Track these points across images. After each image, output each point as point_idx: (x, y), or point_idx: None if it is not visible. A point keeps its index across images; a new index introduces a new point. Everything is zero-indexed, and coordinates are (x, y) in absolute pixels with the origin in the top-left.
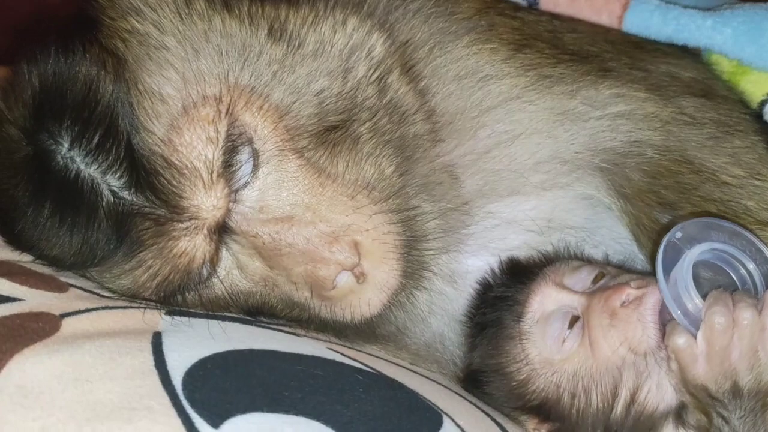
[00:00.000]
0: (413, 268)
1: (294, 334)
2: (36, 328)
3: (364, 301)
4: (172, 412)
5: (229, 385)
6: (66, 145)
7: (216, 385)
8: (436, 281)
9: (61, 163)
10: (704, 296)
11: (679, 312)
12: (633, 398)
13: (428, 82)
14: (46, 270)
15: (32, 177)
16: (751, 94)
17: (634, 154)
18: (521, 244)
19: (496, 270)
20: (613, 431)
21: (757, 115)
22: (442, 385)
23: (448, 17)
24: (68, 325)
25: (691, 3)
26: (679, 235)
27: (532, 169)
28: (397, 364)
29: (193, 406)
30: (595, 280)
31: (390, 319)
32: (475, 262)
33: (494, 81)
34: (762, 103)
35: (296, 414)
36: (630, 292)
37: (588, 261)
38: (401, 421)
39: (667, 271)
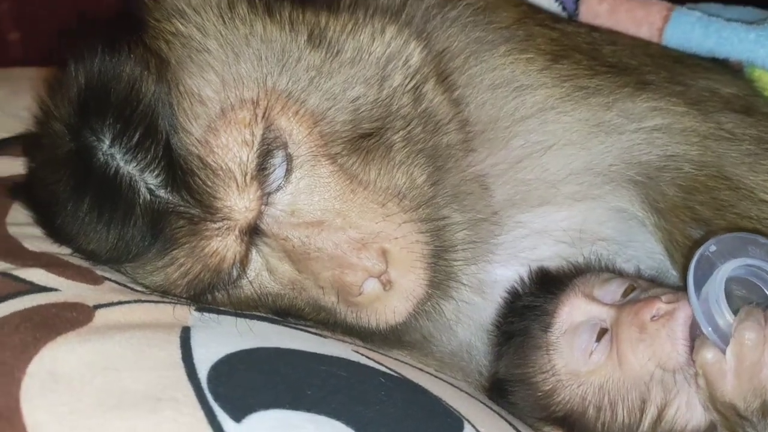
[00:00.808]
0: (440, 278)
1: (320, 335)
2: (70, 318)
3: (389, 308)
4: (196, 404)
5: (252, 381)
6: (107, 142)
7: (240, 381)
8: (464, 291)
9: (101, 159)
10: (736, 312)
11: (709, 328)
12: (660, 415)
13: (463, 91)
14: (83, 263)
15: (74, 172)
16: None
17: (669, 169)
18: (552, 255)
19: (526, 280)
20: None
21: None
22: (466, 393)
23: (485, 26)
24: (101, 316)
25: (735, 16)
26: (713, 248)
27: (564, 179)
28: (422, 370)
29: (216, 399)
30: (626, 293)
31: (416, 326)
32: (504, 272)
33: (529, 91)
34: None
35: (318, 413)
36: (660, 306)
37: (619, 273)
38: (421, 425)
39: (700, 285)
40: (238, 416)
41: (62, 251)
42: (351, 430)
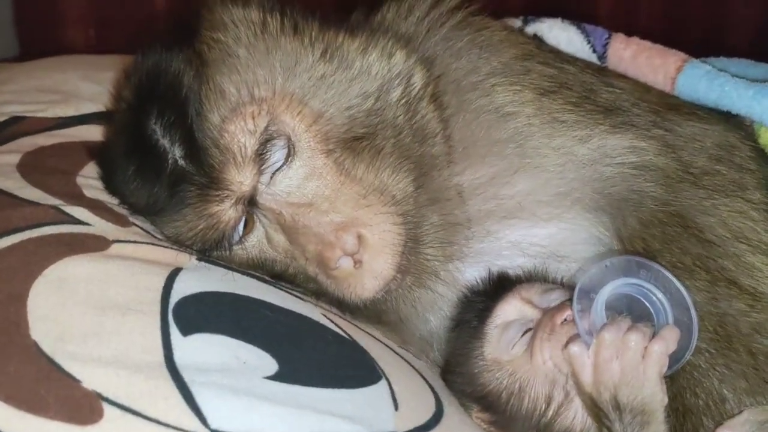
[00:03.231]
0: (410, 267)
1: (299, 297)
2: (90, 245)
3: (360, 284)
4: (157, 318)
5: (210, 312)
6: (153, 119)
7: (199, 310)
8: (440, 285)
9: (147, 132)
10: None
11: (581, 325)
12: (559, 411)
13: (452, 111)
14: (122, 211)
15: (127, 140)
16: None
17: (634, 202)
18: (515, 264)
19: (483, 279)
20: None
21: None
22: (407, 362)
23: (485, 60)
24: (115, 249)
25: (750, 74)
26: (608, 264)
27: (534, 200)
28: (378, 339)
29: (174, 317)
30: None
31: (394, 308)
32: (473, 273)
33: (511, 118)
34: None
35: (251, 343)
36: (570, 313)
37: (564, 287)
38: (339, 371)
39: (590, 292)
40: (186, 332)
41: (112, 201)
42: (273, 360)
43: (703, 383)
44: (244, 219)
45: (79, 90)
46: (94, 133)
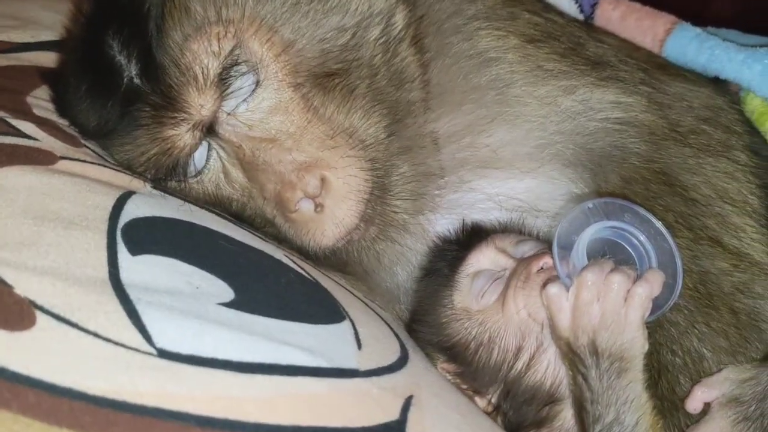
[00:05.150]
0: (375, 217)
1: (260, 237)
2: (35, 157)
3: (320, 231)
4: (103, 235)
5: (163, 236)
6: (111, 33)
7: (152, 233)
8: (408, 237)
9: (104, 48)
10: None
11: (560, 267)
12: (530, 364)
13: (432, 55)
14: (74, 133)
15: (81, 56)
16: None
17: (616, 158)
18: (490, 217)
19: (456, 229)
20: (509, 389)
21: None
22: (372, 309)
23: (472, 1)
24: (62, 165)
25: (750, 42)
26: (590, 206)
27: (512, 150)
28: (343, 287)
29: (123, 236)
30: None
31: (358, 260)
32: (445, 225)
33: (494, 63)
34: None
35: (206, 270)
36: (548, 261)
37: (540, 241)
38: (301, 306)
39: (571, 235)
40: (134, 251)
41: (63, 123)
42: (230, 288)
43: (682, 341)
44: (203, 150)
45: (39, 17)
46: (50, 59)
